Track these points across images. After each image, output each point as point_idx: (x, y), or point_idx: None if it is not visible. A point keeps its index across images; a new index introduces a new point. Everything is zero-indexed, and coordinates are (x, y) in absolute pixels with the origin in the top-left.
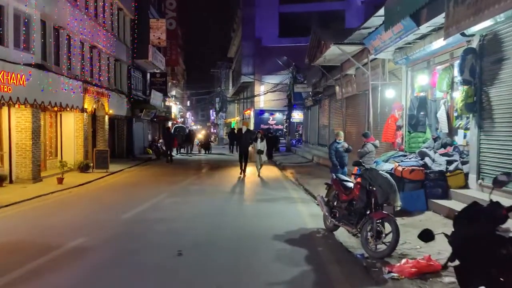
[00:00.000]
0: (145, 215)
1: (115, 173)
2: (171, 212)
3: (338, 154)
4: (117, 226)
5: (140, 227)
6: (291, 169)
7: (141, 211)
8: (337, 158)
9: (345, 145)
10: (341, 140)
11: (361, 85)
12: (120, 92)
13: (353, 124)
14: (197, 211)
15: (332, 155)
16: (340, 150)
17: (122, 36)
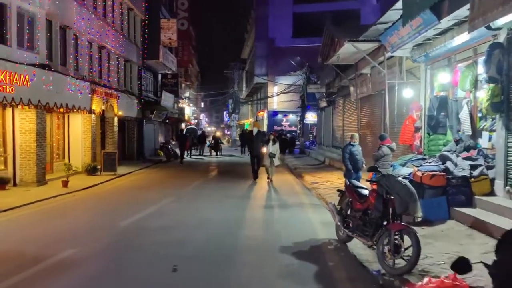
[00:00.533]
0: (145, 222)
1: (123, 176)
2: (174, 219)
3: (352, 157)
4: (112, 235)
5: (137, 236)
6: (304, 172)
7: (142, 218)
8: (351, 161)
9: (393, 146)
10: (355, 143)
11: (377, 84)
12: (130, 93)
13: (368, 126)
14: (201, 218)
15: (345, 159)
16: (355, 153)
17: (132, 36)
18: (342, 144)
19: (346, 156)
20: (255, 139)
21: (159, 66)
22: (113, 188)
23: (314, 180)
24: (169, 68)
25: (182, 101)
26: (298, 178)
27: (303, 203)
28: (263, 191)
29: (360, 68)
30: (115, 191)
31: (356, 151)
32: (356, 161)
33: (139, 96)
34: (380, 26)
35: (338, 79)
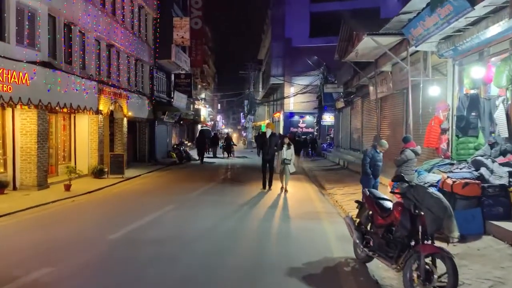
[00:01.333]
0: (138, 233)
1: (130, 179)
2: (171, 230)
3: (373, 162)
4: (98, 249)
5: (125, 252)
6: (320, 176)
7: (136, 228)
8: (370, 166)
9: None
10: (381, 152)
11: (399, 83)
12: (140, 93)
13: (388, 127)
14: (202, 230)
15: (366, 162)
16: (377, 159)
17: (143, 35)
18: (360, 146)
19: (367, 159)
20: (268, 143)
21: (172, 66)
22: (116, 192)
23: (330, 184)
24: (182, 68)
25: (198, 102)
26: (313, 181)
27: (317, 212)
28: (272, 198)
29: (380, 65)
30: (117, 196)
31: (378, 157)
32: (377, 167)
33: (150, 96)
34: (403, 16)
35: (356, 78)
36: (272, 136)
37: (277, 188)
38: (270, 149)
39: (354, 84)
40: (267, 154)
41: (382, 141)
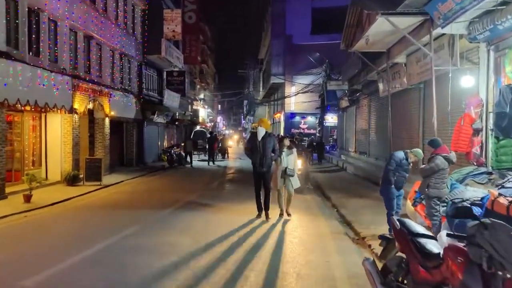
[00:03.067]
0: (62, 276)
1: (108, 187)
2: (111, 273)
3: (398, 169)
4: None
5: None
6: (323, 182)
7: (63, 269)
8: (394, 174)
9: (452, 157)
10: (412, 161)
11: (415, 76)
12: (127, 91)
13: (401, 128)
14: (147, 278)
15: (390, 168)
16: (405, 167)
17: (130, 28)
18: (367, 149)
19: (392, 164)
20: (261, 147)
21: (163, 63)
22: (81, 205)
23: (336, 195)
24: (173, 65)
25: (196, 103)
26: (316, 189)
27: (321, 233)
28: (265, 232)
29: (393, 55)
30: (79, 210)
31: (406, 166)
32: (401, 178)
33: (138, 95)
34: None
35: (364, 73)
36: (267, 138)
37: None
38: (265, 158)
39: (361, 80)
40: (261, 165)
41: (416, 149)
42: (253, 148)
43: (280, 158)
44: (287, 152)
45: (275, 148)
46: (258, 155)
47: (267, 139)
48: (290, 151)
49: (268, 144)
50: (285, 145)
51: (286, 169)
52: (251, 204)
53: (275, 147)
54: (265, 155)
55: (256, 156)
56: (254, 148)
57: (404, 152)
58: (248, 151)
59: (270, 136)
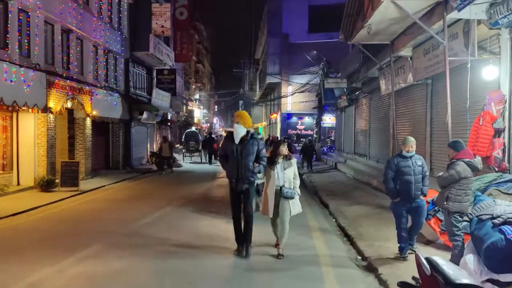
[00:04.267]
0: None
1: (86, 193)
2: None
3: (399, 176)
4: None
5: None
6: (320, 187)
7: None
8: (397, 183)
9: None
10: (410, 152)
11: (422, 70)
12: (112, 89)
13: (405, 129)
14: None
15: (388, 178)
16: (405, 171)
17: (116, 22)
18: (366, 151)
19: (388, 173)
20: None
21: (153, 60)
22: (45, 217)
23: (335, 201)
24: (164, 63)
25: (191, 103)
26: (312, 194)
27: (316, 254)
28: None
29: (397, 48)
30: (40, 224)
31: (407, 167)
32: (407, 182)
33: (125, 93)
34: None
35: (364, 69)
36: (249, 141)
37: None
38: (245, 170)
39: (360, 77)
40: (240, 180)
41: (406, 137)
42: (228, 155)
43: (273, 171)
44: (284, 163)
45: (260, 155)
46: (235, 166)
47: (248, 142)
48: (289, 163)
49: (250, 150)
50: (281, 154)
51: (282, 188)
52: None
53: (260, 153)
54: (244, 166)
55: (232, 167)
56: (230, 155)
57: (398, 154)
58: (223, 159)
59: (253, 138)
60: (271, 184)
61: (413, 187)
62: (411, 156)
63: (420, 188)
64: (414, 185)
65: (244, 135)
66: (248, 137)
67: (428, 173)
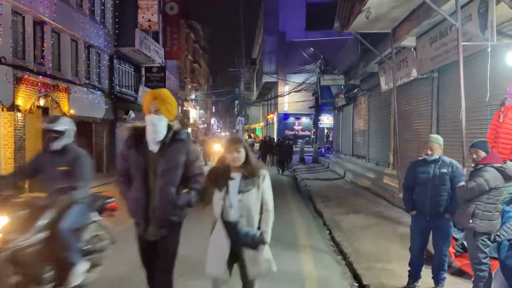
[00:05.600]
0: None
1: None
2: None
3: (416, 182)
4: None
5: None
6: (314, 191)
7: None
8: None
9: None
10: (433, 155)
11: (427, 62)
12: (93, 87)
13: (407, 128)
14: None
15: (405, 184)
16: (423, 178)
17: (98, 16)
18: (365, 152)
19: (406, 180)
20: (147, 165)
21: (139, 56)
22: None
23: (329, 209)
24: (152, 60)
25: (187, 103)
26: (306, 200)
27: (300, 283)
28: None
29: (400, 36)
30: None
31: (425, 174)
32: (421, 195)
33: (110, 92)
34: None
35: (362, 63)
36: (174, 145)
37: None
38: (161, 200)
39: (359, 73)
40: (152, 221)
41: (431, 136)
42: (131, 173)
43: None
44: (241, 183)
45: (192, 171)
46: (143, 194)
47: (168, 148)
48: (249, 182)
49: (171, 162)
50: (233, 163)
51: (236, 228)
52: None
53: (192, 168)
54: (160, 194)
55: (137, 196)
56: (134, 172)
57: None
58: (122, 181)
59: (177, 140)
60: (216, 220)
61: (429, 200)
62: (433, 160)
63: (443, 202)
64: (430, 197)
65: (167, 136)
66: (168, 138)
67: (463, 184)
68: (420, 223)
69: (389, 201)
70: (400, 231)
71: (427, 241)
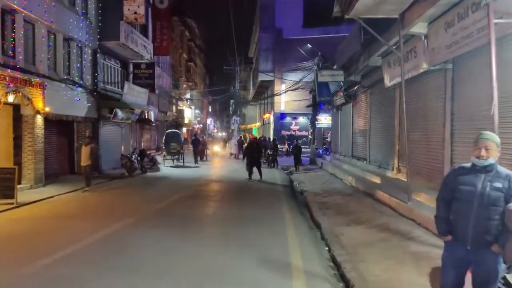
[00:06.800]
0: None
1: (23, 206)
2: None
3: (455, 197)
4: None
5: None
6: (311, 197)
7: None
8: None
9: None
10: (485, 160)
11: (442, 51)
12: (73, 83)
13: (415, 127)
14: None
15: (439, 198)
16: (465, 190)
17: (79, 6)
18: (366, 154)
19: (441, 192)
20: None
21: (126, 52)
22: None
23: (329, 219)
24: (140, 55)
25: (182, 103)
26: (302, 208)
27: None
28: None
29: (410, 22)
30: None
31: (469, 186)
32: (462, 215)
33: (93, 89)
34: None
35: (364, 56)
36: None
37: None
38: None
39: (360, 68)
40: None
41: (482, 133)
42: None
43: None
44: None
45: None
46: None
47: None
48: None
49: None
50: None
51: None
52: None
53: None
54: None
55: None
56: None
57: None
58: None
59: None
60: None
61: (472, 224)
62: (485, 167)
63: (492, 229)
64: (475, 220)
65: None
66: None
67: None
68: (456, 254)
69: (395, 210)
70: (412, 249)
71: (464, 279)
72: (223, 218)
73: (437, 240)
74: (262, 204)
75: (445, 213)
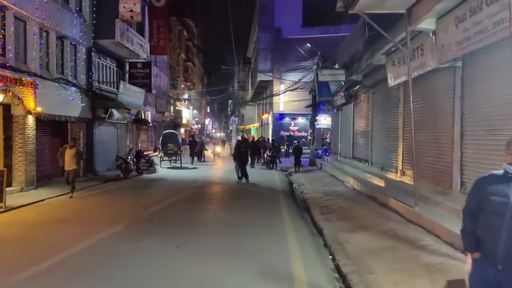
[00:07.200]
0: None
1: (12, 210)
2: None
3: (485, 209)
4: None
5: None
6: (312, 200)
7: None
8: (482, 224)
9: None
10: None
11: (452, 47)
12: (66, 82)
13: (422, 130)
14: None
15: (465, 210)
16: (493, 200)
17: (73, 3)
18: (368, 155)
19: (468, 204)
20: None
21: (122, 51)
22: None
23: (331, 224)
24: (136, 54)
25: (180, 103)
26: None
27: None
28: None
29: (417, 17)
30: None
31: (501, 197)
32: (492, 230)
33: (87, 88)
34: None
35: (368, 54)
36: None
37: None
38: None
39: (362, 66)
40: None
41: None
42: None
43: None
44: None
45: None
46: None
47: None
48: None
49: None
50: None
51: None
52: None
53: None
54: None
55: None
56: None
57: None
58: None
59: None
60: None
61: (504, 240)
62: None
63: None
64: (508, 236)
65: None
66: None
67: None
68: (485, 272)
69: (402, 215)
70: (425, 260)
71: None
72: (220, 223)
73: (449, 249)
74: (261, 207)
75: (472, 226)
